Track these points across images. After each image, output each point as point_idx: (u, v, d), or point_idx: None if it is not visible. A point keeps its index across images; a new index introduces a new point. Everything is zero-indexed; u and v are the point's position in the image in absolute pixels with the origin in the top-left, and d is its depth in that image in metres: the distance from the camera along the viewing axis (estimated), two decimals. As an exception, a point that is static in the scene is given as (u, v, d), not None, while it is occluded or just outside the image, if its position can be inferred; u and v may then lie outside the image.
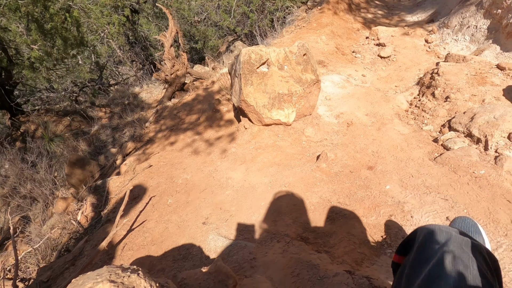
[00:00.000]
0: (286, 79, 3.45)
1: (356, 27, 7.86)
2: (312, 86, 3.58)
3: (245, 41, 9.80)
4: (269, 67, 3.46)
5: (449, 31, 6.42)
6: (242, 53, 3.47)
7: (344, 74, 5.78)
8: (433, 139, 3.64)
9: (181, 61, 6.18)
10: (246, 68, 3.44)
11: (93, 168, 4.43)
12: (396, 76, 5.83)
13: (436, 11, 7.68)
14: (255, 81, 3.46)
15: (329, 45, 6.67)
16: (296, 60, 3.46)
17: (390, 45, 6.60)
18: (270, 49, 3.44)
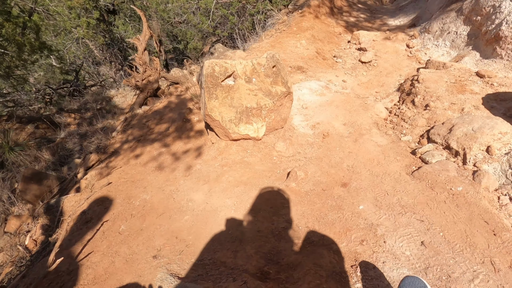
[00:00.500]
0: (255, 92, 3.22)
1: (338, 31, 7.71)
2: (283, 98, 3.36)
3: (227, 43, 9.56)
4: (236, 80, 3.23)
5: (430, 36, 6.32)
6: (205, 65, 3.22)
7: (324, 80, 5.60)
8: (411, 151, 3.48)
9: (153, 66, 5.90)
10: (210, 82, 3.20)
11: (52, 182, 4.12)
12: (377, 82, 5.69)
13: (418, 16, 7.60)
14: (220, 95, 3.22)
15: (309, 49, 6.49)
16: (265, 73, 3.24)
17: (371, 50, 6.47)
18: (236, 62, 3.21)
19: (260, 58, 3.26)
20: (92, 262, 2.18)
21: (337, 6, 8.76)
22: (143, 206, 2.78)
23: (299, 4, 8.23)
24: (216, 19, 8.73)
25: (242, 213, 2.43)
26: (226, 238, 2.21)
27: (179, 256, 2.11)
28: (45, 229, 3.00)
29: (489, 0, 5.19)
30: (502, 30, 4.68)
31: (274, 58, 3.40)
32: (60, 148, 5.86)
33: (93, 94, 11.03)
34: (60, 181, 4.25)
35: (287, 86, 3.43)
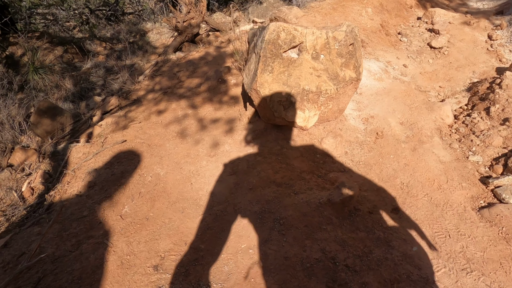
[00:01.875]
0: (319, 73, 2.61)
1: (409, 3, 6.67)
2: (349, 85, 2.74)
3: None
4: (301, 53, 2.61)
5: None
6: (270, 29, 2.60)
7: (383, 61, 4.83)
8: (480, 177, 2.86)
9: (198, 8, 5.24)
10: (270, 50, 2.60)
11: (65, 119, 3.77)
12: (444, 74, 4.87)
13: (509, 2, 6.42)
14: (276, 69, 2.63)
15: (374, 20, 5.61)
16: (338, 50, 2.59)
17: (445, 34, 5.53)
18: (309, 30, 2.56)
19: (338, 31, 2.59)
20: (80, 255, 1.82)
21: (414, -28, 7.54)
22: (154, 184, 2.38)
23: (371, -38, 7.10)
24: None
25: (269, 226, 1.97)
26: (244, 260, 1.78)
27: (183, 273, 1.70)
28: (45, 178, 2.68)
29: None
30: None
31: (353, 34, 2.73)
32: (84, 79, 5.48)
33: (129, 23, 10.46)
34: (74, 119, 3.90)
35: (358, 72, 2.79)
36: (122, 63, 5.84)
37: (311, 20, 5.13)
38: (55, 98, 5.12)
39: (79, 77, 5.57)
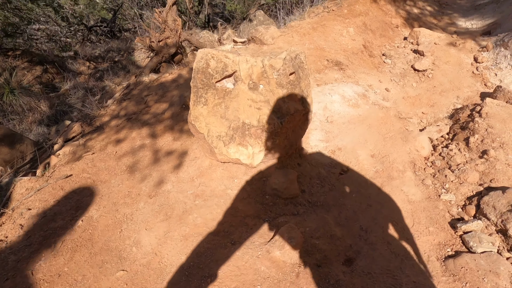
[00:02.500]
0: (259, 105, 2.42)
1: (395, 22, 6.54)
2: (296, 118, 2.54)
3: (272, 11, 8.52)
4: (236, 82, 2.43)
5: (508, 53, 5.13)
6: (198, 56, 2.42)
7: (364, 84, 4.66)
8: (451, 220, 2.65)
9: (174, 27, 5.11)
10: (200, 80, 2.42)
11: (26, 148, 3.60)
12: (427, 99, 4.69)
13: (497, 22, 6.27)
14: (211, 100, 2.45)
15: (356, 41, 5.46)
16: (277, 80, 2.39)
17: (430, 56, 5.37)
18: (241, 58, 2.38)
19: (275, 59, 2.41)
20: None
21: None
22: (83, 230, 2.17)
23: (358, -19, 7.00)
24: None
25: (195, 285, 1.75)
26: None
27: None
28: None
29: None
30: None
31: (295, 62, 2.55)
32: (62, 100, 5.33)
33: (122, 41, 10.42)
34: (36, 147, 3.73)
35: (305, 103, 2.60)
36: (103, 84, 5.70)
37: (288, 40, 4.99)
38: (29, 121, 4.97)
39: (57, 98, 5.43)
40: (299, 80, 2.55)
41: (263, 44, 4.95)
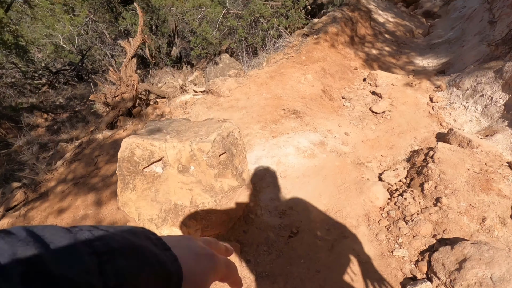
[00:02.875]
0: (190, 186, 2.34)
1: (354, 65, 6.74)
2: (235, 193, 2.46)
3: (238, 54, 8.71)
4: (165, 167, 2.36)
5: (460, 93, 5.30)
6: (122, 146, 2.34)
7: (322, 130, 4.69)
8: (403, 279, 2.55)
9: (130, 82, 5.11)
10: (126, 168, 2.33)
11: (-37, 221, 3.38)
12: (386, 142, 4.73)
13: (450, 62, 6.56)
14: (140, 185, 2.35)
15: (315, 86, 5.57)
16: (208, 162, 2.33)
17: (387, 98, 5.49)
18: (169, 145, 2.30)
19: (203, 143, 2.34)
20: None
21: (359, 34, 7.77)
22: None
23: (316, 28, 7.28)
24: (224, 29, 7.87)
25: None
26: None
27: None
28: None
29: (539, 68, 4.15)
30: (551, 114, 3.67)
31: (227, 141, 2.50)
32: (13, 158, 5.13)
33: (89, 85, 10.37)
34: (-26, 218, 3.49)
35: (240, 179, 2.53)
36: (59, 138, 5.56)
37: (245, 91, 5.03)
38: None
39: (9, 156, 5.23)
40: (232, 158, 2.49)
41: (220, 97, 4.97)
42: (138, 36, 6.35)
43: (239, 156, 2.59)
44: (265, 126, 4.39)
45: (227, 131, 2.56)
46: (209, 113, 4.51)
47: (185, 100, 5.41)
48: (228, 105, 4.80)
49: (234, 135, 2.59)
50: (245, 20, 7.62)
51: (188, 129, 2.90)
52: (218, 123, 3.00)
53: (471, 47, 6.17)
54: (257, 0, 7.19)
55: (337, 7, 8.24)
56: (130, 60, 6.00)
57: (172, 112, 4.88)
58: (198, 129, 2.80)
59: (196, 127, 2.90)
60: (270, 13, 8.02)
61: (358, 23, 7.92)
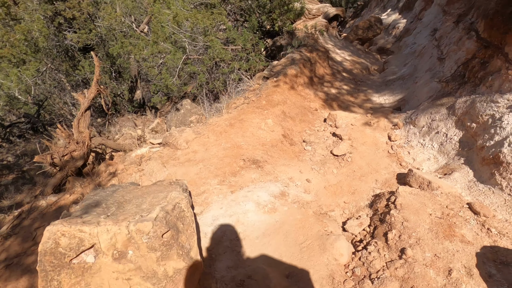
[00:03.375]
0: (128, 275, 2.08)
1: (314, 106, 6.80)
2: (182, 275, 2.20)
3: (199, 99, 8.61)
4: (98, 255, 2.11)
5: (416, 131, 5.39)
6: (44, 236, 2.08)
7: (284, 179, 4.55)
8: None
9: (81, 139, 4.82)
10: (49, 262, 2.07)
11: None
12: (348, 186, 4.65)
13: (405, 98, 6.76)
14: (66, 281, 2.06)
15: (275, 132, 5.50)
16: (148, 244, 2.09)
17: (347, 139, 5.49)
18: (101, 229, 2.06)
19: (143, 223, 2.11)
20: None
21: (318, 74, 7.94)
22: None
23: (275, 70, 7.37)
24: (184, 75, 7.81)
25: None
26: None
27: None
28: None
29: (487, 107, 4.29)
30: (503, 153, 3.73)
31: (173, 215, 2.29)
32: None
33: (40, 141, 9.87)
34: None
35: (188, 258, 2.29)
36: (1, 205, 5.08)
37: (204, 142, 4.87)
38: None
39: None
40: (178, 236, 2.27)
41: (177, 149, 4.77)
42: (93, 87, 6.14)
43: (187, 230, 2.37)
44: (224, 180, 4.20)
45: (172, 203, 2.34)
46: (164, 170, 4.28)
47: (141, 154, 5.16)
48: (185, 158, 4.60)
49: (181, 206, 2.37)
50: (205, 65, 7.61)
51: (132, 199, 2.65)
52: (166, 189, 2.78)
53: (423, 83, 6.41)
54: (217, 45, 7.22)
55: (296, 49, 8.44)
56: (83, 113, 5.73)
57: (126, 169, 4.61)
58: (142, 200, 2.57)
59: (140, 197, 2.66)
60: (231, 56, 8.09)
61: (316, 63, 8.12)
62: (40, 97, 11.54)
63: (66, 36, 9.58)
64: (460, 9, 6.56)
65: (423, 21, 9.87)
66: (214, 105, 8.04)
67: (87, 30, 9.33)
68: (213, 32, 7.72)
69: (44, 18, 9.06)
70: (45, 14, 8.91)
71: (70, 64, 9.91)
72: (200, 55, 7.96)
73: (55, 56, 10.13)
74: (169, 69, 7.66)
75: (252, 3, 8.96)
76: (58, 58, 10.45)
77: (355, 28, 11.61)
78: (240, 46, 8.15)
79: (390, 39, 12.16)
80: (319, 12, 11.77)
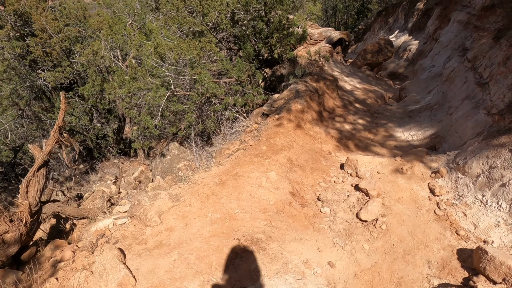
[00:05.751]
0: None
1: (327, 148, 5.49)
2: None
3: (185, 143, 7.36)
4: None
5: (468, 181, 4.05)
6: None
7: (297, 262, 3.19)
8: None
9: (16, 216, 3.52)
10: None
11: None
12: (389, 273, 3.25)
13: (439, 134, 5.45)
14: None
15: (280, 189, 4.17)
16: None
17: (376, 196, 4.14)
18: None
19: None
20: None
21: (328, 107, 6.70)
22: None
23: (277, 106, 6.14)
24: (169, 115, 6.59)
25: None
26: None
27: None
28: None
29: None
30: None
31: None
32: None
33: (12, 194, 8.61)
34: None
35: None
36: None
37: (183, 213, 3.53)
38: None
39: None
40: None
41: (146, 226, 3.42)
42: (51, 138, 4.91)
43: None
44: (208, 281, 2.82)
45: None
46: (121, 269, 2.89)
47: (103, 230, 3.82)
48: (155, 242, 3.24)
49: None
50: (193, 103, 6.40)
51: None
52: None
53: (464, 115, 5.12)
54: (205, 78, 6.04)
55: (299, 78, 7.26)
56: (35, 173, 4.47)
57: (73, 260, 3.24)
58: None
59: None
60: (224, 91, 6.90)
61: (324, 94, 6.90)
62: (17, 143, 10.37)
63: (39, 75, 8.50)
64: (497, 23, 5.39)
65: (441, 41, 8.73)
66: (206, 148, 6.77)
67: (63, 67, 8.25)
68: (202, 64, 6.57)
69: (13, 57, 8.01)
70: (13, 52, 7.85)
71: (44, 106, 8.79)
72: (188, 91, 6.78)
73: (29, 98, 9.04)
74: (151, 109, 6.46)
75: (247, 29, 7.88)
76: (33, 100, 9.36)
77: (363, 53, 10.51)
78: (234, 78, 6.98)
79: (402, 63, 11.04)
80: (321, 36, 10.74)
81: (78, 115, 8.89)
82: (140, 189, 6.80)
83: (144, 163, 7.98)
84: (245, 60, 7.52)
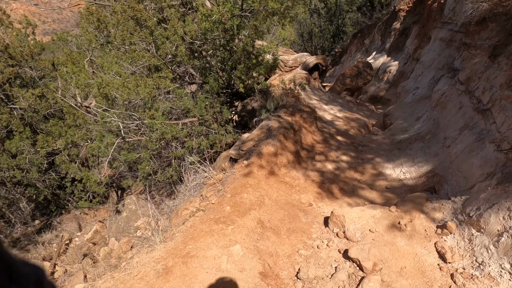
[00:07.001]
0: None
1: (307, 198, 4.55)
2: None
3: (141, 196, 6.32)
4: None
5: (486, 241, 3.14)
6: None
7: None
8: None
9: None
10: None
11: None
12: None
13: (437, 172, 4.59)
14: None
15: (247, 271, 3.15)
16: None
17: (371, 267, 3.17)
18: None
19: None
20: None
21: (306, 145, 5.81)
22: None
23: (246, 148, 5.21)
24: (120, 167, 5.57)
25: None
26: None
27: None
28: None
29: None
30: None
31: None
32: None
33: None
34: None
35: None
36: None
37: None
38: None
39: None
40: None
41: None
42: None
43: None
44: None
45: None
46: None
47: None
48: None
49: None
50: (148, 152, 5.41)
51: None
52: None
53: (466, 150, 4.28)
54: (156, 122, 5.09)
55: (272, 113, 6.39)
56: None
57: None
58: None
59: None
60: (186, 132, 5.96)
61: (301, 129, 6.03)
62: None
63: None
64: (491, 38, 4.68)
65: (423, 61, 8.10)
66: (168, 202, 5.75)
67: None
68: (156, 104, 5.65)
69: None
70: None
71: None
72: (143, 135, 5.80)
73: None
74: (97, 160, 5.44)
75: (211, 59, 7.05)
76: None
77: (341, 77, 9.83)
78: (197, 118, 6.06)
79: (383, 85, 10.40)
80: (296, 63, 10.04)
81: (25, 167, 7.74)
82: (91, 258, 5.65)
83: (100, 221, 6.83)
84: (210, 95, 6.65)
